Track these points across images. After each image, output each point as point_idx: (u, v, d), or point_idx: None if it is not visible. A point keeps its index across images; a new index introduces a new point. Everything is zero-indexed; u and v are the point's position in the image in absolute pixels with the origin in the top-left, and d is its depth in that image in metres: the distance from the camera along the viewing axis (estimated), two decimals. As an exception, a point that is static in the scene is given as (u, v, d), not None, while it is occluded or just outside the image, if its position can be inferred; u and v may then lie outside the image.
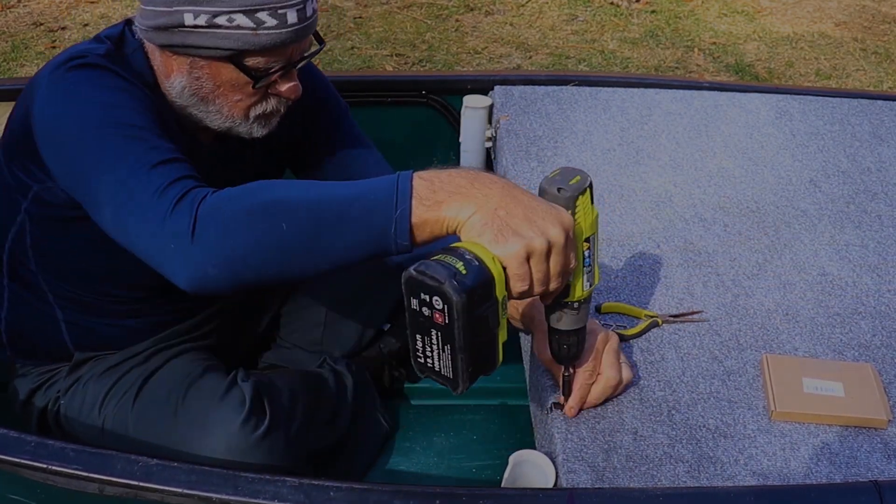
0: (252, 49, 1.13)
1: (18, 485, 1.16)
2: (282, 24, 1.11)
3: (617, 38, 3.98)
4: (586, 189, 1.03)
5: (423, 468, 1.58)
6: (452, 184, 0.94)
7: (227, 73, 1.16)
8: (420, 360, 0.98)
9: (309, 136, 1.44)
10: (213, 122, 1.22)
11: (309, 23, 1.16)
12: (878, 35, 4.12)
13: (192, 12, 1.09)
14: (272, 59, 1.16)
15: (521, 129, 1.91)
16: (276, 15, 1.10)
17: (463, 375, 0.95)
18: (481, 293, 0.92)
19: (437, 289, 0.90)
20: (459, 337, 0.91)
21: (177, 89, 1.18)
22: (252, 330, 1.66)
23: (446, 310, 0.90)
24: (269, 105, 1.22)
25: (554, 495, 1.07)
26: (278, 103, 1.23)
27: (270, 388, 1.37)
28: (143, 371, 1.38)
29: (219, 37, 1.11)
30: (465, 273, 0.90)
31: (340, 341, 1.64)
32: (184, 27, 1.11)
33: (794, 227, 1.64)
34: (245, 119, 1.22)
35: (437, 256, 0.93)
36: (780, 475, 1.15)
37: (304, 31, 1.16)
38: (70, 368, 1.39)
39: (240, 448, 1.25)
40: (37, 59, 3.62)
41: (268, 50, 1.14)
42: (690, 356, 1.34)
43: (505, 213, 0.92)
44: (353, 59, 3.69)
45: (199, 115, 1.21)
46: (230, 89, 1.18)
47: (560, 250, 0.94)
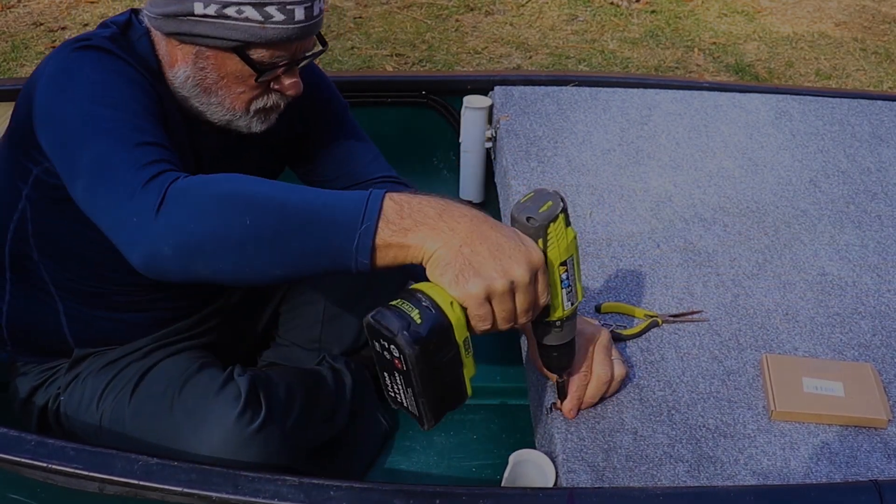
0: (258, 42, 1.15)
1: (19, 484, 1.16)
2: (289, 19, 1.13)
3: (617, 38, 3.98)
4: (558, 215, 1.00)
5: (423, 468, 1.58)
6: (422, 213, 0.92)
7: (231, 64, 1.17)
8: (390, 394, 1.00)
9: (309, 133, 1.46)
10: (213, 114, 1.23)
11: (315, 21, 1.18)
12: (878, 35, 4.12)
13: (203, 1, 1.11)
14: (277, 54, 1.18)
15: (521, 129, 1.91)
16: (285, 10, 1.12)
17: (427, 415, 0.96)
18: (437, 341, 0.91)
19: (391, 339, 0.91)
20: (418, 383, 0.93)
21: (180, 79, 1.20)
22: (251, 328, 1.66)
23: (402, 359, 0.91)
24: (270, 100, 1.24)
25: (554, 495, 1.07)
26: (279, 99, 1.25)
27: (267, 383, 1.37)
28: (140, 366, 1.38)
29: (227, 27, 1.13)
30: (420, 322, 0.90)
31: (339, 339, 1.64)
32: (193, 16, 1.13)
33: (794, 227, 1.64)
34: (245, 112, 1.23)
35: (395, 302, 0.93)
36: (780, 475, 1.15)
37: (311, 29, 1.18)
38: (70, 365, 1.40)
39: (235, 442, 1.25)
40: (37, 59, 3.62)
41: (274, 44, 1.16)
42: (690, 356, 1.34)
43: (469, 252, 0.91)
44: (353, 59, 3.69)
45: (201, 107, 1.23)
46: (233, 81, 1.20)
47: (525, 289, 0.93)
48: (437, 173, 2.28)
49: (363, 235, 0.91)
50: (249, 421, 1.27)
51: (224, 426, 1.26)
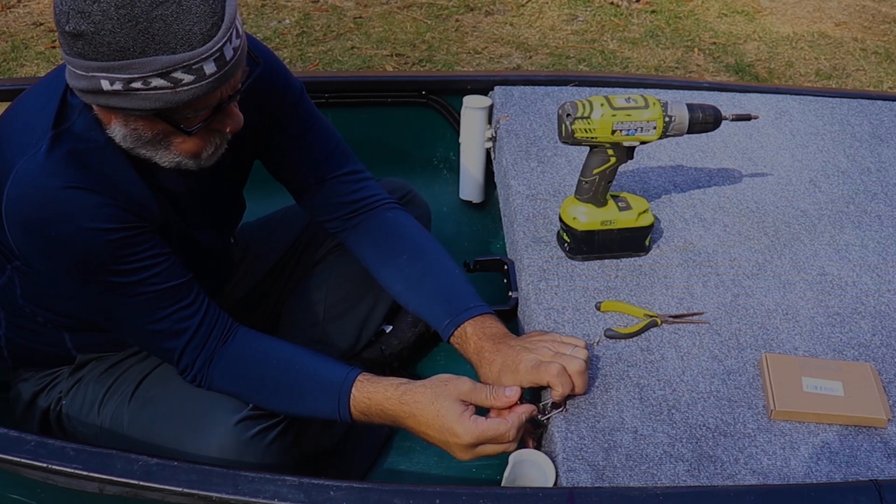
0: (176, 105, 1.09)
1: (19, 484, 1.16)
2: (200, 77, 1.06)
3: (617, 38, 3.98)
4: None
5: (423, 468, 1.58)
6: (384, 415, 1.22)
7: (160, 124, 1.14)
8: None
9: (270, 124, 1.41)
10: (161, 161, 1.19)
11: (231, 66, 1.10)
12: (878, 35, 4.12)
13: (108, 79, 1.05)
14: (201, 107, 1.13)
15: (521, 129, 1.91)
16: (192, 70, 1.05)
17: None
18: None
19: None
20: None
21: (118, 136, 1.16)
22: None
23: None
24: (214, 142, 1.21)
25: (554, 494, 1.07)
26: (223, 136, 1.22)
27: None
28: (141, 370, 1.38)
29: (139, 98, 1.07)
30: None
31: (339, 341, 1.64)
32: (103, 91, 1.07)
33: (794, 227, 1.64)
34: (195, 157, 1.20)
35: None
36: (780, 474, 1.15)
37: (228, 75, 1.10)
38: (72, 370, 1.40)
39: (235, 447, 1.25)
40: (37, 59, 3.62)
41: (192, 103, 1.10)
42: (690, 355, 1.34)
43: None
44: (353, 59, 3.69)
45: (148, 155, 1.18)
46: (169, 135, 1.16)
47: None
48: (437, 173, 2.28)
49: (341, 415, 1.24)
50: (249, 427, 1.27)
51: (224, 431, 1.26)
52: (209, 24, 1.04)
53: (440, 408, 1.18)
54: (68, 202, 1.12)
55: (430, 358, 1.76)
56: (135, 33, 1.01)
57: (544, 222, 1.61)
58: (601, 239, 1.49)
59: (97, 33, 1.01)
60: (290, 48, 3.74)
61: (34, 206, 1.12)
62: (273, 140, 1.42)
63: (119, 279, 1.18)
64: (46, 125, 1.14)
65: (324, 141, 1.45)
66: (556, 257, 1.53)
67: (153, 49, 1.03)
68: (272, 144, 1.42)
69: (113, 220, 1.15)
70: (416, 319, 1.71)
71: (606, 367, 1.31)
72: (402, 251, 1.43)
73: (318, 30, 3.92)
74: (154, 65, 1.03)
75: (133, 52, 1.02)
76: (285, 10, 4.09)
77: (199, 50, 1.04)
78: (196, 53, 1.04)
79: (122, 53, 1.03)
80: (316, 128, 1.44)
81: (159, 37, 1.02)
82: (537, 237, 1.58)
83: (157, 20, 1.01)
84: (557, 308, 1.42)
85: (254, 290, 1.67)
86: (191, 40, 1.03)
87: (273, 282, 1.70)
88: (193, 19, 1.03)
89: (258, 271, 1.68)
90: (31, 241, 1.15)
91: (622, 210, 1.48)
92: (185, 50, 1.04)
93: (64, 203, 1.12)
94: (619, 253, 1.52)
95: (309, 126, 1.43)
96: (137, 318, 1.23)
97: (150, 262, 1.19)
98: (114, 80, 1.05)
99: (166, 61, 1.03)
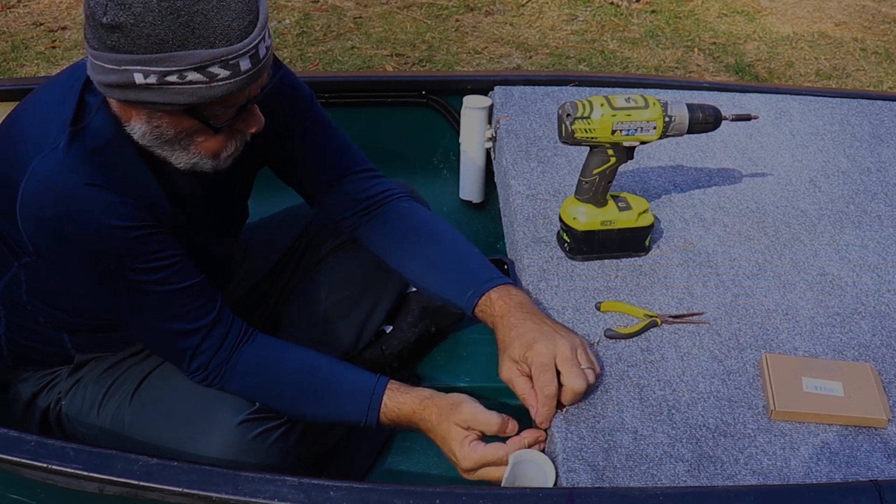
0: (208, 101, 1.10)
1: (19, 484, 1.16)
2: (235, 73, 1.08)
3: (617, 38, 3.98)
4: None
5: (423, 468, 1.58)
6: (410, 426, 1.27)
7: (186, 121, 1.14)
8: None
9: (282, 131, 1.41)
10: (177, 162, 1.19)
11: (263, 63, 1.12)
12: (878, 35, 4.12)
13: (142, 72, 1.05)
14: (231, 104, 1.14)
15: (521, 129, 1.91)
16: (229, 66, 1.06)
17: None
18: None
19: None
20: None
21: (137, 134, 1.16)
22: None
23: None
24: (235, 143, 1.21)
25: (554, 495, 1.07)
26: (243, 137, 1.22)
27: None
28: (141, 370, 1.38)
29: (172, 92, 1.07)
30: None
31: (339, 341, 1.64)
32: (135, 85, 1.07)
33: (794, 227, 1.64)
34: (214, 158, 1.20)
35: None
36: (780, 474, 1.15)
37: (260, 73, 1.12)
38: (71, 370, 1.40)
39: (235, 449, 1.25)
40: (37, 59, 3.62)
41: (224, 99, 1.11)
42: (690, 356, 1.34)
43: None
44: (353, 59, 3.69)
45: (164, 155, 1.19)
46: (193, 133, 1.16)
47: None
48: (437, 173, 2.28)
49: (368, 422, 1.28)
50: (252, 427, 1.27)
51: (226, 432, 1.26)
52: (247, 20, 1.06)
53: (444, 431, 1.23)
54: (87, 199, 1.12)
55: (430, 358, 1.76)
56: (175, 26, 1.02)
57: (544, 222, 1.61)
58: (601, 239, 1.49)
59: (137, 25, 1.02)
60: (290, 48, 3.74)
61: (52, 202, 1.12)
62: (285, 146, 1.41)
63: (135, 277, 1.18)
64: (64, 122, 1.14)
65: (334, 142, 1.45)
66: (556, 257, 1.53)
67: (193, 42, 1.03)
68: (284, 150, 1.42)
69: (130, 219, 1.15)
70: (416, 320, 1.71)
71: (606, 368, 1.31)
72: (418, 236, 1.43)
73: (318, 30, 3.92)
74: (192, 58, 1.04)
75: (172, 45, 1.03)
76: (285, 10, 4.09)
77: (237, 45, 1.05)
78: (234, 49, 1.05)
79: (161, 46, 1.03)
80: (326, 130, 1.45)
81: (199, 30, 1.03)
82: (537, 237, 1.58)
83: (198, 14, 1.02)
84: (557, 308, 1.42)
85: (254, 290, 1.67)
86: (229, 35, 1.05)
87: (273, 282, 1.70)
88: (233, 15, 1.04)
89: (258, 271, 1.68)
90: (48, 238, 1.15)
91: (622, 210, 1.48)
92: (224, 45, 1.05)
93: (82, 200, 1.12)
94: (619, 253, 1.52)
95: (320, 129, 1.44)
96: (151, 317, 1.24)
97: (165, 262, 1.20)
98: (149, 73, 1.05)
99: (205, 55, 1.04)
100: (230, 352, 1.28)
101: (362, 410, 1.26)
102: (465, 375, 1.70)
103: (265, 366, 1.29)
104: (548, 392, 1.20)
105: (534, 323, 1.26)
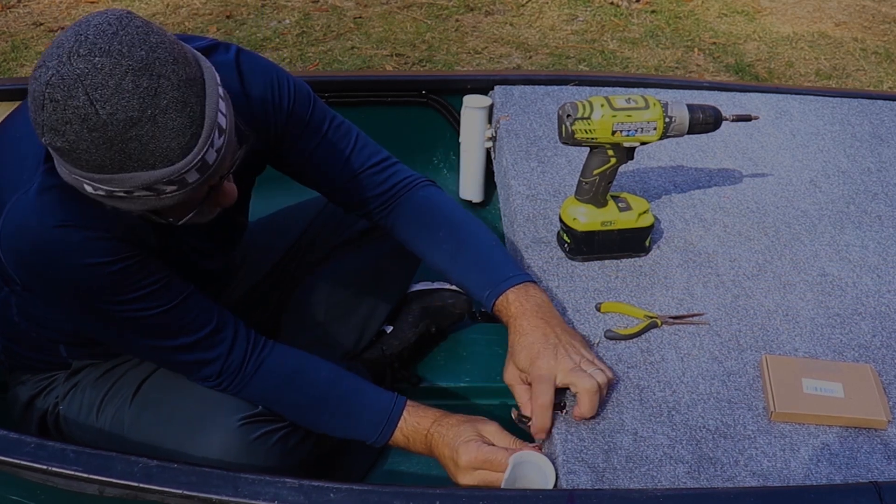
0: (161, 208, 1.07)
1: (19, 486, 1.16)
2: (182, 186, 1.03)
3: (617, 38, 3.98)
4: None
5: (423, 468, 1.58)
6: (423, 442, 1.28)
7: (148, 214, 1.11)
8: None
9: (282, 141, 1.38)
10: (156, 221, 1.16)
11: (216, 165, 1.06)
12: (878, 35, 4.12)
13: (90, 185, 1.02)
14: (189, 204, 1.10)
15: (521, 129, 1.91)
16: (174, 182, 1.02)
17: None
18: None
19: None
20: None
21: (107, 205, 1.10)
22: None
23: None
24: (206, 213, 1.17)
25: (554, 496, 1.07)
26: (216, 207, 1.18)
27: None
28: (139, 374, 1.38)
29: (124, 202, 1.04)
30: None
31: (340, 342, 1.64)
32: (86, 191, 1.04)
33: (794, 228, 1.64)
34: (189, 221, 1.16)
35: None
36: (780, 476, 1.15)
37: (213, 175, 1.07)
38: (68, 375, 1.40)
39: (237, 450, 1.25)
40: (36, 59, 3.61)
41: (178, 205, 1.07)
42: (690, 357, 1.34)
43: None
44: (353, 59, 3.69)
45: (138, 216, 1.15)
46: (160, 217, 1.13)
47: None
48: (437, 173, 2.28)
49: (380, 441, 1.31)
50: (253, 429, 1.27)
51: (226, 433, 1.26)
52: (187, 136, 1.00)
53: (460, 431, 1.24)
54: (61, 241, 1.10)
55: (430, 358, 1.76)
56: (111, 153, 0.97)
57: (544, 222, 1.61)
58: (601, 239, 1.49)
59: (73, 150, 0.98)
60: (290, 48, 3.74)
61: (28, 246, 1.11)
62: (290, 154, 1.39)
63: (120, 308, 1.18)
64: (38, 157, 1.12)
65: (344, 139, 1.42)
66: (556, 258, 1.53)
67: (131, 167, 0.99)
68: (290, 158, 1.39)
69: (109, 254, 1.13)
70: (417, 320, 1.71)
71: (606, 369, 1.31)
72: (439, 227, 1.42)
73: (318, 30, 3.91)
74: (134, 181, 1.00)
75: (111, 169, 0.99)
76: (285, 10, 4.09)
77: (179, 165, 1.00)
78: (176, 168, 1.00)
79: (101, 169, 0.99)
80: (333, 128, 1.41)
81: (136, 155, 0.98)
82: (537, 237, 1.58)
83: (132, 140, 0.97)
84: (557, 309, 1.41)
85: (254, 291, 1.67)
86: (170, 156, 0.99)
87: (274, 282, 1.69)
88: (171, 135, 0.98)
89: (259, 272, 1.68)
90: (30, 277, 1.15)
91: (622, 210, 1.48)
92: (165, 165, 1.00)
93: (57, 242, 1.10)
94: (620, 253, 1.52)
95: (326, 130, 1.40)
96: (149, 338, 1.24)
97: (153, 287, 1.19)
98: (96, 187, 1.02)
99: (146, 177, 1.00)
100: (244, 356, 1.27)
101: (376, 429, 1.29)
102: (465, 375, 1.70)
103: (288, 375, 1.30)
104: (542, 401, 1.20)
105: (543, 333, 1.25)
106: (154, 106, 0.97)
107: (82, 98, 0.95)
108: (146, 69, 0.96)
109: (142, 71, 0.96)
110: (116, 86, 0.95)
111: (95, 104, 0.95)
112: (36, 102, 0.97)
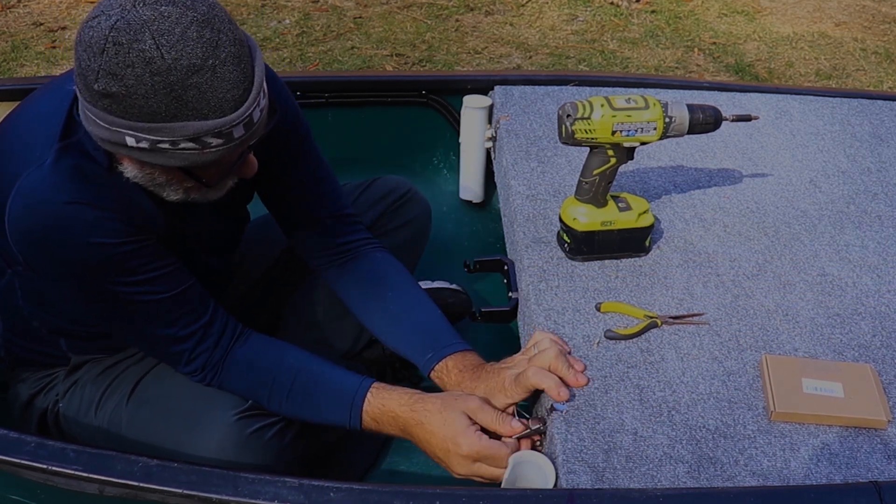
0: (201, 164, 1.10)
1: (19, 486, 1.16)
2: (228, 140, 1.06)
3: (617, 38, 3.98)
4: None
5: (423, 468, 1.58)
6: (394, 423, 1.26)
7: (179, 174, 1.13)
8: None
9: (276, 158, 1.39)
10: (169, 197, 1.18)
11: (257, 127, 1.10)
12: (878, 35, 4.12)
13: (134, 137, 1.03)
14: (225, 164, 1.13)
15: (521, 129, 1.91)
16: (222, 135, 1.05)
17: None
18: None
19: None
20: None
21: (128, 174, 1.14)
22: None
23: None
24: (227, 184, 1.21)
25: (554, 496, 1.07)
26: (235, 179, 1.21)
27: None
28: (138, 370, 1.38)
29: (164, 156, 1.06)
30: None
31: (340, 341, 1.64)
32: (126, 146, 1.06)
33: (794, 228, 1.64)
34: (205, 196, 1.20)
35: None
36: (780, 476, 1.15)
37: (254, 136, 1.11)
38: (67, 371, 1.40)
39: (233, 447, 1.25)
40: (37, 59, 3.62)
41: (218, 161, 1.10)
42: (690, 357, 1.34)
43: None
44: (353, 59, 3.69)
45: (154, 190, 1.17)
46: (184, 179, 1.15)
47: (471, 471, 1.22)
48: (437, 173, 2.28)
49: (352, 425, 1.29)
50: (248, 424, 1.27)
51: (222, 429, 1.26)
52: (241, 90, 1.05)
53: (447, 417, 1.21)
54: (71, 217, 1.11)
55: (430, 358, 1.75)
56: (168, 100, 1.00)
57: (544, 222, 1.61)
58: (601, 239, 1.49)
59: (129, 96, 1.00)
60: (290, 48, 3.74)
61: (37, 220, 1.12)
62: (276, 174, 1.40)
63: (124, 289, 1.18)
64: (52, 137, 1.13)
65: (325, 182, 1.45)
66: (556, 258, 1.53)
67: (185, 115, 1.02)
68: (274, 178, 1.41)
69: (116, 235, 1.14)
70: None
71: (606, 369, 1.31)
72: (385, 290, 1.44)
73: (318, 30, 3.91)
74: (185, 130, 1.03)
75: (164, 117, 1.02)
76: (285, 10, 4.09)
77: (231, 116, 1.04)
78: (227, 120, 1.04)
79: (153, 117, 1.02)
80: (318, 166, 1.45)
81: (192, 104, 1.01)
82: (537, 237, 1.58)
83: (191, 88, 1.01)
84: (557, 309, 1.42)
85: (253, 289, 1.67)
86: (223, 107, 1.03)
87: (273, 281, 1.69)
88: (227, 87, 1.03)
89: (258, 270, 1.68)
90: (35, 254, 1.16)
91: (622, 210, 1.48)
92: (217, 116, 1.03)
93: (66, 219, 1.11)
94: (619, 253, 1.52)
95: (313, 164, 1.43)
96: (144, 324, 1.24)
97: (155, 273, 1.20)
98: (140, 139, 1.04)
99: (197, 127, 1.03)
100: (225, 350, 1.28)
101: (344, 412, 1.27)
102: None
103: (256, 364, 1.30)
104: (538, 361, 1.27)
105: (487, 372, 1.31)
106: (215, 57, 1.01)
107: (149, 42, 0.98)
108: (209, 22, 1.01)
109: (205, 23, 1.01)
110: (182, 33, 1.00)
111: (161, 48, 0.99)
112: (94, 48, 1.00)
